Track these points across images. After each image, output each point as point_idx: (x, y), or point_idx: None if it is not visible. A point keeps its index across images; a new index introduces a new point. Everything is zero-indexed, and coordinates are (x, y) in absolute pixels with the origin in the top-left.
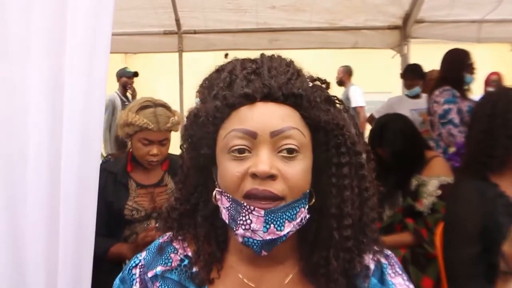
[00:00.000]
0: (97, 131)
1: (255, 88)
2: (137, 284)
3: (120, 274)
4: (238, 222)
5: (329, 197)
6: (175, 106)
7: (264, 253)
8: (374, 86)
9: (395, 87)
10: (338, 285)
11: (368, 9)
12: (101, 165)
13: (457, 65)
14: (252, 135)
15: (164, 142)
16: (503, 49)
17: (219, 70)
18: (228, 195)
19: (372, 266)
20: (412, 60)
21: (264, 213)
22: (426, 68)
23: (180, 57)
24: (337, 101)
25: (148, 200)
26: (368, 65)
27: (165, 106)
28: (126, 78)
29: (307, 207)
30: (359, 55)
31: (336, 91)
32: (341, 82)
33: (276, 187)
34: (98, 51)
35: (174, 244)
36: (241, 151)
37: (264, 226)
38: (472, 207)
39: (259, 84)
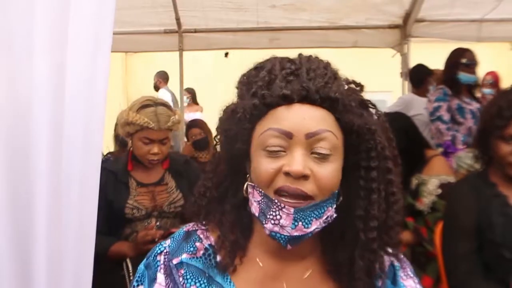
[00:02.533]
0: (98, 129)
1: (293, 89)
2: (162, 271)
3: (145, 260)
4: (268, 216)
5: (357, 199)
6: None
7: (289, 247)
8: (374, 85)
9: (395, 86)
10: (361, 284)
11: (368, 8)
12: (101, 163)
13: (450, 65)
14: (288, 135)
15: (165, 141)
16: (503, 48)
17: (258, 68)
18: (260, 189)
19: (390, 250)
20: (412, 59)
21: (294, 211)
22: None
23: (181, 56)
24: (370, 105)
25: (149, 199)
26: (368, 64)
27: (165, 105)
28: None
29: (334, 206)
30: (359, 54)
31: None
32: (156, 87)
33: (308, 187)
34: (100, 48)
35: (199, 233)
36: (276, 149)
37: (292, 223)
38: (468, 204)
39: (298, 86)
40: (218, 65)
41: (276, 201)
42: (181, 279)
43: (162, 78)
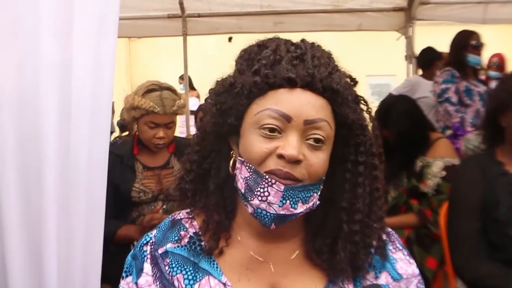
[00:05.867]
0: (106, 112)
1: (298, 74)
2: (148, 260)
3: (132, 251)
4: (255, 192)
5: (342, 190)
6: (180, 90)
7: (273, 226)
8: (378, 68)
9: (400, 69)
10: (344, 274)
11: None
12: None
13: (457, 46)
14: (286, 118)
15: (170, 125)
16: (509, 30)
17: (261, 46)
18: (250, 165)
19: (374, 243)
20: (417, 42)
21: (284, 188)
22: None
23: (185, 40)
24: (362, 102)
25: (155, 182)
26: (373, 48)
27: (170, 89)
28: None
29: (319, 193)
30: (364, 38)
31: None
32: None
33: (298, 171)
34: (105, 32)
35: (183, 222)
36: (272, 130)
37: (280, 201)
38: (474, 183)
39: (303, 72)
40: (222, 50)
41: (267, 177)
42: (167, 268)
43: None
